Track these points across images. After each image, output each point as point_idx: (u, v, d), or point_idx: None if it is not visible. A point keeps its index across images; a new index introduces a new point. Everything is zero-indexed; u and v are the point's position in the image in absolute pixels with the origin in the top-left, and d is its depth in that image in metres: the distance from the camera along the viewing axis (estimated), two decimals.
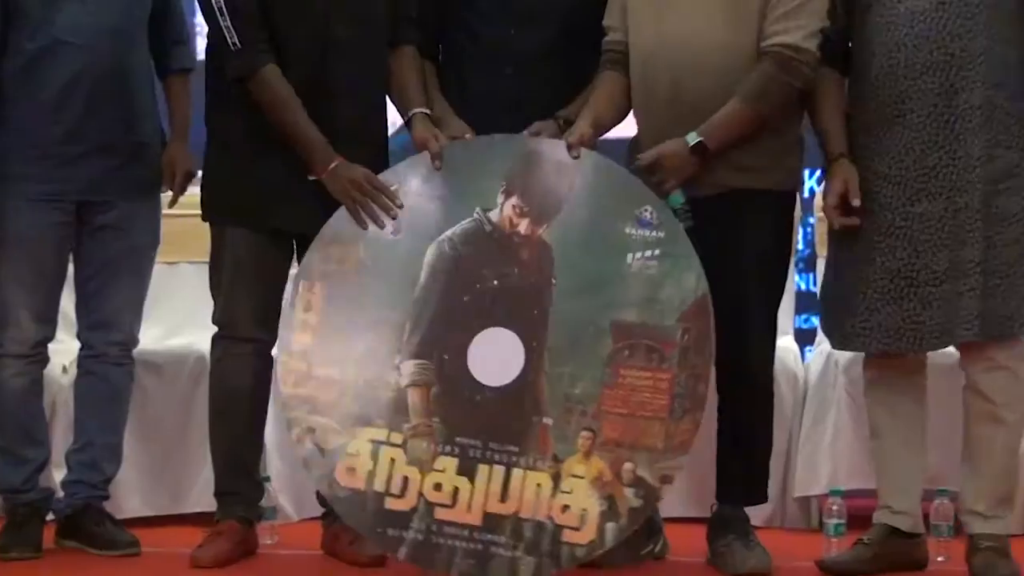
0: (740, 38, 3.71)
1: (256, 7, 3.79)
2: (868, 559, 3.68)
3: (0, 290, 3.98)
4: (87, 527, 4.00)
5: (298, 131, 3.77)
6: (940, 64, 3.56)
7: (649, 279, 3.63)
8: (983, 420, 3.66)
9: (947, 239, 3.56)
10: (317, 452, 3.64)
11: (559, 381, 3.62)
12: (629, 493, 3.55)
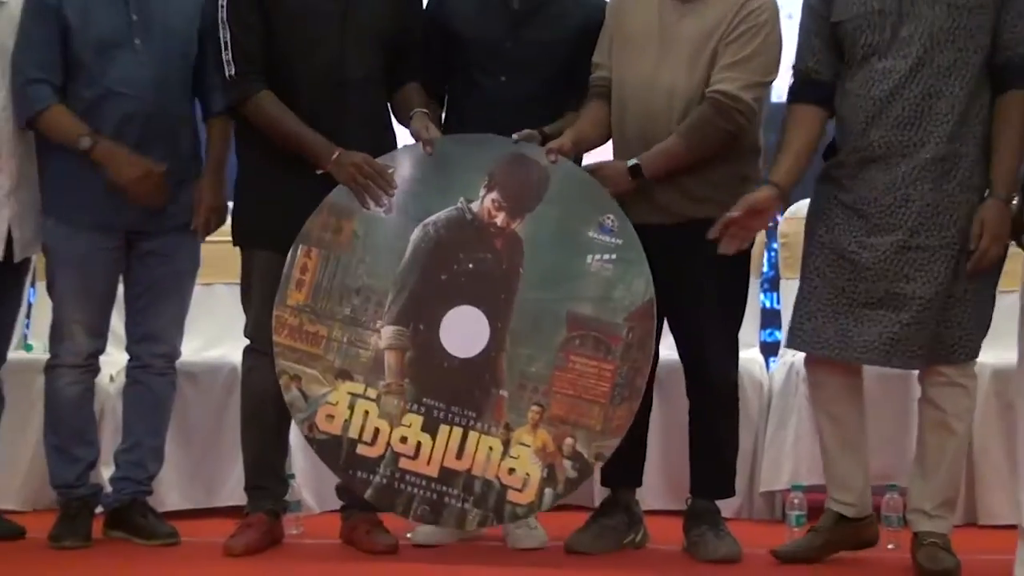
0: (698, 84, 3.72)
1: (257, 45, 3.81)
2: (819, 545, 3.68)
3: (57, 307, 3.98)
4: (132, 519, 4.00)
5: (299, 136, 3.78)
6: (911, 120, 3.54)
7: (604, 279, 3.69)
8: (935, 429, 3.65)
9: (890, 272, 3.54)
10: (301, 398, 3.73)
11: (517, 360, 3.69)
12: (567, 465, 3.65)
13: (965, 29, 3.52)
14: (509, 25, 3.93)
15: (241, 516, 3.99)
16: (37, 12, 3.87)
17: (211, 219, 4.02)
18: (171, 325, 4.08)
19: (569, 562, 3.80)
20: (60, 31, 3.86)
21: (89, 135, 3.81)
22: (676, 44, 3.76)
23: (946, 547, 3.61)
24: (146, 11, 3.93)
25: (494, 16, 3.95)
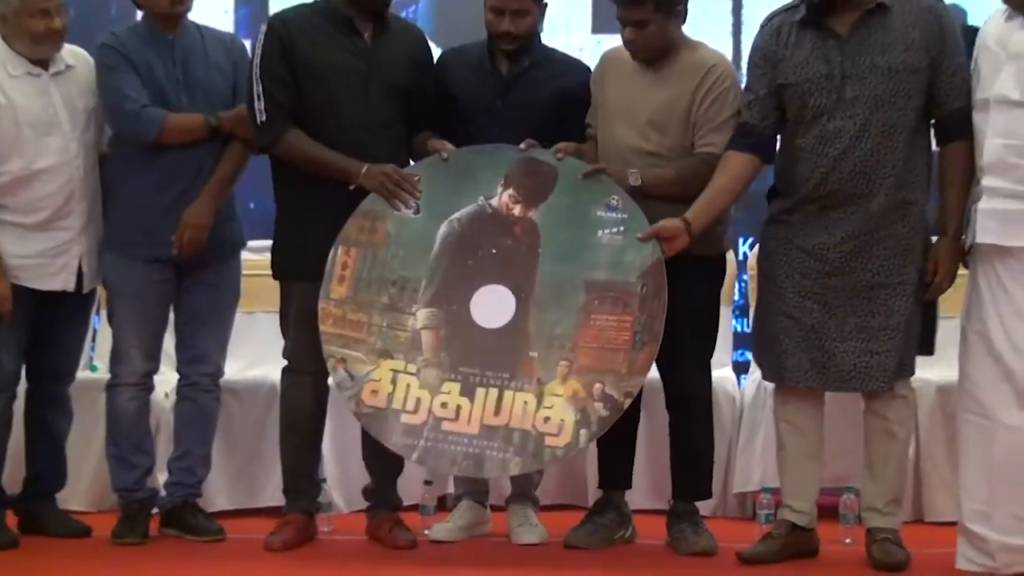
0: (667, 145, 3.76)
1: (286, 95, 3.82)
2: (776, 550, 3.66)
3: (116, 333, 4.00)
4: (184, 518, 4.00)
5: (329, 159, 3.79)
6: (861, 174, 3.52)
7: (615, 248, 3.68)
8: (880, 436, 3.65)
9: (858, 308, 3.54)
10: (348, 377, 3.71)
11: (543, 324, 3.68)
12: (599, 406, 3.60)
13: (903, 91, 3.52)
14: (499, 88, 3.95)
15: (280, 516, 3.99)
16: (116, 56, 3.89)
17: (191, 236, 3.87)
18: (216, 348, 4.08)
19: (567, 555, 3.81)
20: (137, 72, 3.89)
21: (212, 115, 3.88)
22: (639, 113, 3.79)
23: (897, 542, 3.62)
24: (189, 71, 3.95)
25: (486, 80, 3.97)
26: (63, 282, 3.92)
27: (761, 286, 3.81)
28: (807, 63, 3.58)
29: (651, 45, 3.77)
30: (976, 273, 3.49)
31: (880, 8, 3.53)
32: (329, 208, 3.78)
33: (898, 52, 3.52)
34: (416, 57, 3.99)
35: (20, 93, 3.84)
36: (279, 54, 3.83)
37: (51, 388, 4.09)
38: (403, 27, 4.12)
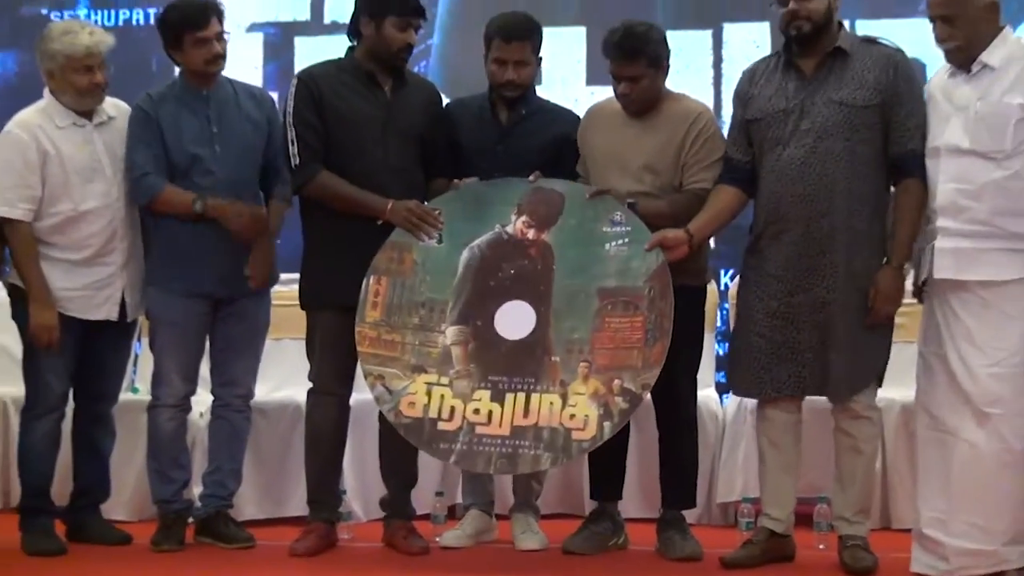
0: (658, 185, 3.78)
1: (317, 140, 3.84)
2: (757, 555, 3.65)
3: (157, 359, 4.00)
4: (217, 527, 3.99)
5: (358, 198, 3.80)
6: (810, 196, 3.54)
7: (622, 257, 3.69)
8: (848, 452, 3.66)
9: (821, 321, 3.55)
10: (386, 392, 3.69)
11: (561, 332, 3.67)
12: (619, 400, 3.58)
13: (851, 124, 3.53)
14: (499, 135, 3.97)
15: (304, 524, 3.98)
16: (142, 122, 3.91)
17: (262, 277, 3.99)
18: (247, 372, 4.08)
19: (565, 560, 3.81)
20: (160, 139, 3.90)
21: (199, 198, 3.84)
22: (632, 158, 3.81)
23: (866, 548, 3.62)
24: (224, 124, 3.97)
25: (487, 128, 3.99)
26: (107, 312, 3.93)
27: (738, 311, 3.82)
28: (770, 100, 3.65)
29: (644, 97, 3.81)
30: (932, 304, 3.50)
31: (841, 52, 3.59)
32: (351, 244, 3.79)
33: (851, 89, 3.56)
34: (430, 109, 4.03)
35: (67, 142, 3.87)
36: (310, 104, 3.86)
37: (96, 408, 4.09)
38: (419, 82, 4.17)
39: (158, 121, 3.89)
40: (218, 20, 3.95)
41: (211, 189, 3.90)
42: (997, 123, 3.36)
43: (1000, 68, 3.40)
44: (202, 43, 3.90)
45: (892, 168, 3.57)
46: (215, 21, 3.93)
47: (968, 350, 3.39)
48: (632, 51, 3.74)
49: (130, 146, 3.91)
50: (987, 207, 3.37)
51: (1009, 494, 3.37)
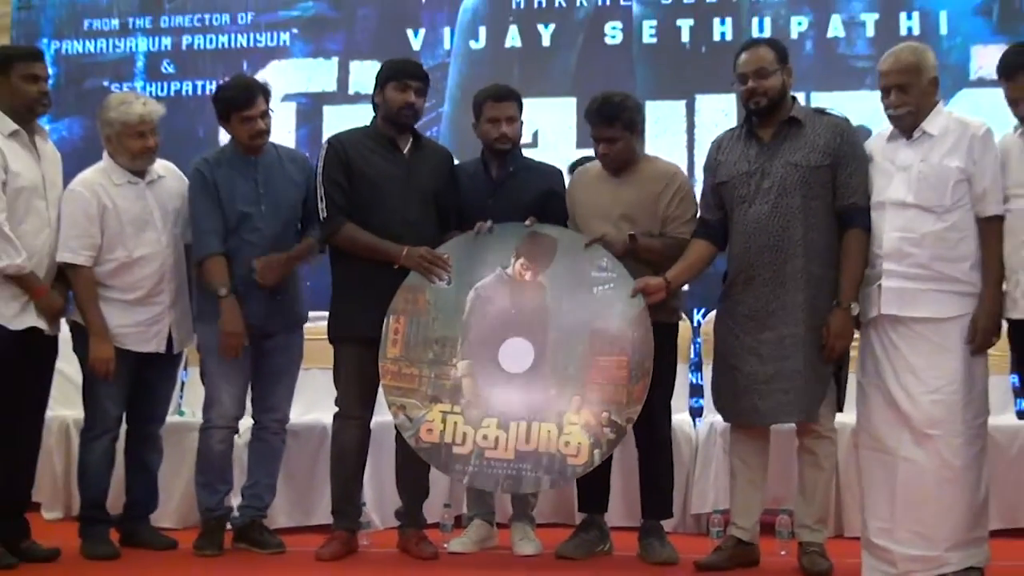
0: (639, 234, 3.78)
1: (342, 196, 3.85)
2: (726, 560, 3.64)
3: (210, 386, 3.98)
4: (252, 535, 3.97)
5: (376, 246, 3.81)
6: (773, 247, 3.56)
7: (608, 301, 3.67)
8: (810, 468, 3.66)
9: (778, 356, 3.55)
10: (407, 420, 3.69)
11: (557, 367, 3.67)
12: (607, 431, 3.60)
13: (805, 182, 3.55)
14: (491, 189, 3.98)
15: (328, 532, 3.96)
16: (202, 183, 3.92)
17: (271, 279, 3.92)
18: (284, 399, 4.07)
19: (558, 564, 3.79)
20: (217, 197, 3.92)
21: (226, 287, 3.85)
22: (613, 212, 3.82)
23: (823, 554, 3.61)
24: (270, 186, 3.98)
25: (481, 184, 4.01)
26: (156, 345, 3.94)
27: (716, 347, 3.81)
28: (735, 164, 3.68)
29: (621, 157, 3.83)
30: (870, 338, 3.52)
31: (795, 121, 3.63)
32: (372, 286, 3.80)
33: (804, 153, 3.59)
34: (443, 169, 4.04)
35: (122, 198, 3.89)
36: (337, 166, 3.88)
37: (146, 430, 4.08)
38: (433, 146, 4.20)
39: (215, 182, 3.92)
40: (264, 99, 3.98)
41: (258, 243, 3.92)
42: (938, 182, 3.40)
43: (939, 136, 3.44)
44: (247, 120, 3.93)
45: (838, 219, 3.57)
46: (260, 101, 3.96)
47: (908, 379, 3.40)
48: (609, 116, 3.79)
49: (196, 204, 3.93)
50: (928, 253, 3.39)
51: (949, 506, 3.36)
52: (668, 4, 5.72)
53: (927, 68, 3.49)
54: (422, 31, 5.89)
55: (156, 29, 6.06)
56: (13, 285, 3.65)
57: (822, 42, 5.61)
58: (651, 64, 5.70)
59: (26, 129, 3.75)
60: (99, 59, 6.10)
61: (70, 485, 4.46)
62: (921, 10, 5.56)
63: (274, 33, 5.97)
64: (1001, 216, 3.38)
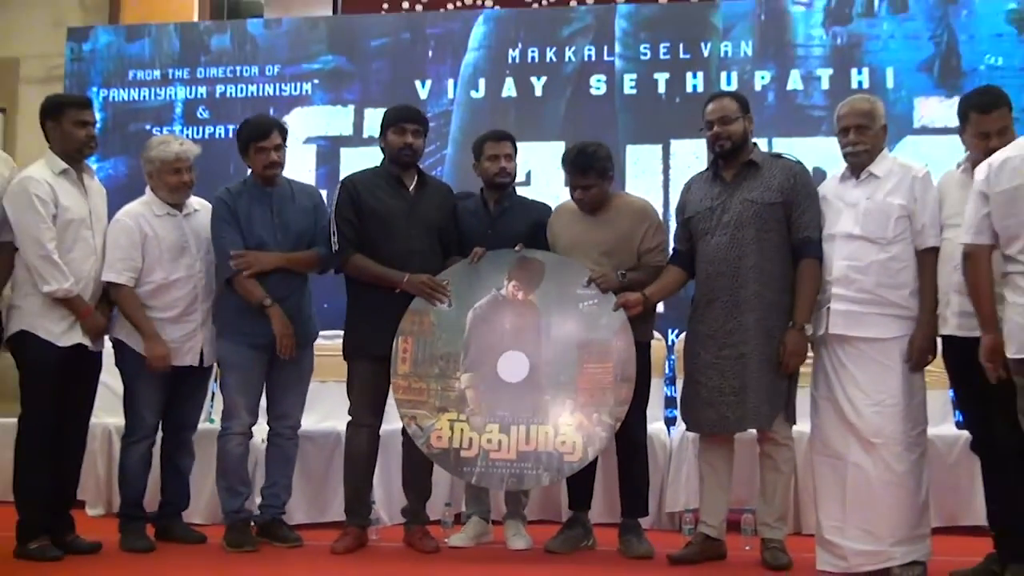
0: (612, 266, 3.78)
1: (352, 230, 3.86)
2: (696, 554, 3.64)
3: (227, 396, 3.96)
4: (272, 530, 3.97)
5: (380, 273, 3.81)
6: (730, 273, 3.58)
7: (593, 315, 3.69)
8: (770, 472, 3.66)
9: (740, 370, 3.56)
10: (419, 430, 3.70)
11: (550, 375, 3.68)
12: (598, 430, 3.62)
13: (761, 216, 3.57)
14: (489, 221, 4.00)
15: (341, 528, 3.96)
16: (225, 211, 3.93)
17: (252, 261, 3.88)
18: (296, 407, 4.06)
19: (546, 558, 3.79)
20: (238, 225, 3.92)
21: (267, 296, 3.84)
22: (592, 247, 3.82)
23: (783, 549, 3.62)
24: (284, 215, 3.99)
25: (480, 216, 4.03)
26: (190, 359, 3.94)
27: (684, 364, 3.82)
28: (701, 201, 3.72)
29: (595, 201, 3.86)
30: (822, 356, 3.54)
31: (753, 163, 3.66)
32: (380, 310, 3.80)
33: (760, 191, 3.61)
34: (445, 204, 4.04)
35: (162, 227, 3.91)
36: (349, 204, 3.89)
37: (180, 436, 4.07)
38: (436, 183, 4.20)
39: (235, 210, 3.93)
40: (279, 135, 3.99)
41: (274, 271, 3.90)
42: (882, 217, 3.43)
43: (883, 177, 3.49)
44: (262, 151, 3.94)
45: (793, 251, 3.59)
46: (275, 135, 3.97)
47: (855, 393, 3.42)
48: (583, 167, 3.81)
49: (217, 229, 3.93)
50: (872, 280, 3.42)
51: (893, 506, 3.38)
52: (646, 59, 5.77)
53: (879, 115, 3.55)
54: (428, 82, 5.93)
55: (193, 79, 6.09)
56: (61, 307, 3.67)
57: (782, 94, 5.64)
58: (631, 112, 5.73)
59: (75, 168, 3.78)
60: (142, 106, 6.13)
61: (111, 485, 4.45)
62: (870, 66, 5.60)
63: (297, 83, 6.01)
64: (937, 248, 3.41)
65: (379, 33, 6.04)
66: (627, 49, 5.78)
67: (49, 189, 3.65)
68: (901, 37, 5.60)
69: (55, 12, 6.54)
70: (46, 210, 3.62)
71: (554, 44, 5.82)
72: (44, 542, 3.62)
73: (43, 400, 3.64)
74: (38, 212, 3.61)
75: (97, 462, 4.57)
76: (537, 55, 5.83)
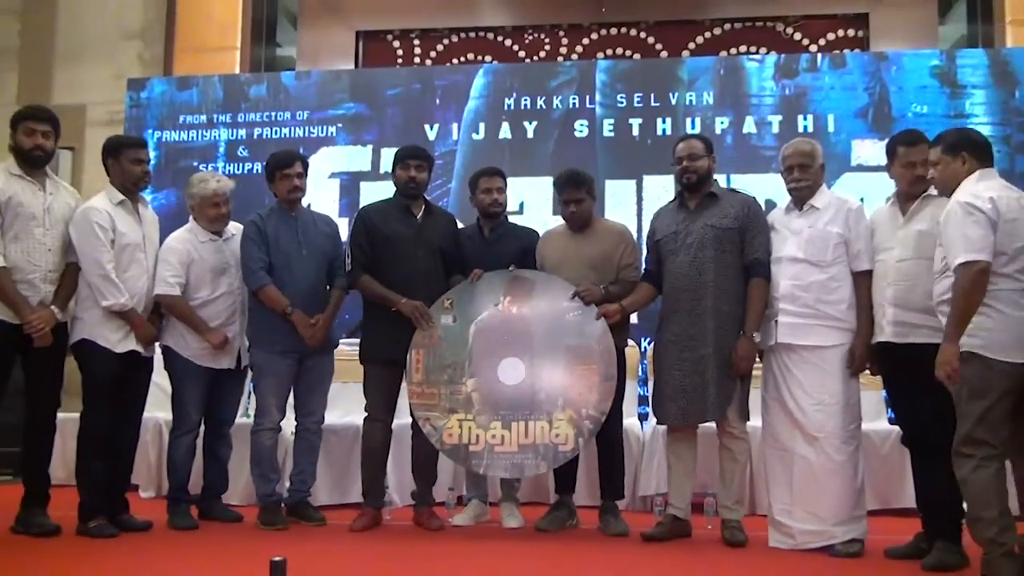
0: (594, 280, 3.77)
1: (364, 254, 3.84)
2: (665, 533, 3.62)
3: (260, 398, 3.94)
4: (300, 511, 3.95)
5: (382, 293, 3.79)
6: (691, 287, 3.57)
7: (578, 324, 3.68)
8: (728, 461, 3.64)
9: (699, 370, 3.54)
10: (433, 429, 3.68)
11: (543, 377, 3.65)
12: (587, 423, 3.61)
13: (718, 239, 3.57)
14: (484, 246, 4.00)
15: (359, 509, 3.94)
16: (255, 232, 3.90)
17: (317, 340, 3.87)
18: (320, 405, 4.02)
19: (536, 536, 3.76)
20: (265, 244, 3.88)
21: (289, 304, 3.81)
22: (578, 262, 3.81)
23: (740, 528, 3.59)
24: (308, 236, 3.96)
25: (477, 241, 4.03)
26: (228, 363, 3.93)
27: (653, 366, 3.81)
28: (667, 226, 3.71)
29: (585, 215, 3.87)
30: (771, 362, 3.54)
31: (713, 195, 3.67)
32: (391, 320, 3.78)
33: (719, 218, 3.61)
34: (449, 230, 4.02)
35: (205, 251, 3.91)
36: (363, 232, 3.89)
37: (220, 429, 4.05)
38: (441, 212, 4.18)
39: (265, 232, 3.91)
40: (301, 165, 3.99)
41: (299, 281, 3.88)
42: (822, 243, 3.44)
43: (823, 208, 3.50)
44: (286, 178, 3.93)
45: (745, 270, 3.59)
46: (298, 165, 3.97)
47: (799, 394, 3.42)
48: (577, 182, 3.85)
49: (245, 247, 3.91)
50: (813, 297, 3.43)
51: (833, 491, 3.37)
52: (622, 107, 5.79)
53: (818, 156, 3.56)
54: (436, 126, 5.95)
55: (234, 123, 6.11)
56: (117, 318, 3.66)
57: (739, 136, 5.67)
58: (609, 152, 5.75)
59: (131, 199, 3.78)
60: (190, 145, 6.14)
61: (161, 471, 4.44)
62: (814, 113, 5.63)
63: (323, 127, 6.03)
64: (870, 270, 3.40)
65: (394, 84, 6.06)
66: (606, 98, 5.81)
67: (108, 217, 3.65)
68: (840, 88, 5.64)
69: (117, 66, 6.58)
70: (105, 235, 3.62)
71: (543, 94, 5.85)
72: (101, 521, 3.60)
73: (101, 398, 3.63)
74: (98, 237, 3.61)
75: (149, 451, 4.56)
76: (529, 103, 5.86)
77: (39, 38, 6.69)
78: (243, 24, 6.74)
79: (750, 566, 3.21)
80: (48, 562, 3.13)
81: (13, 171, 3.59)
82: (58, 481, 3.86)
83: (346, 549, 3.49)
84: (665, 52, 6.87)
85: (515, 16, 7.16)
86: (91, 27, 6.64)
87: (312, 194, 4.13)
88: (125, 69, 6.52)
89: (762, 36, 6.94)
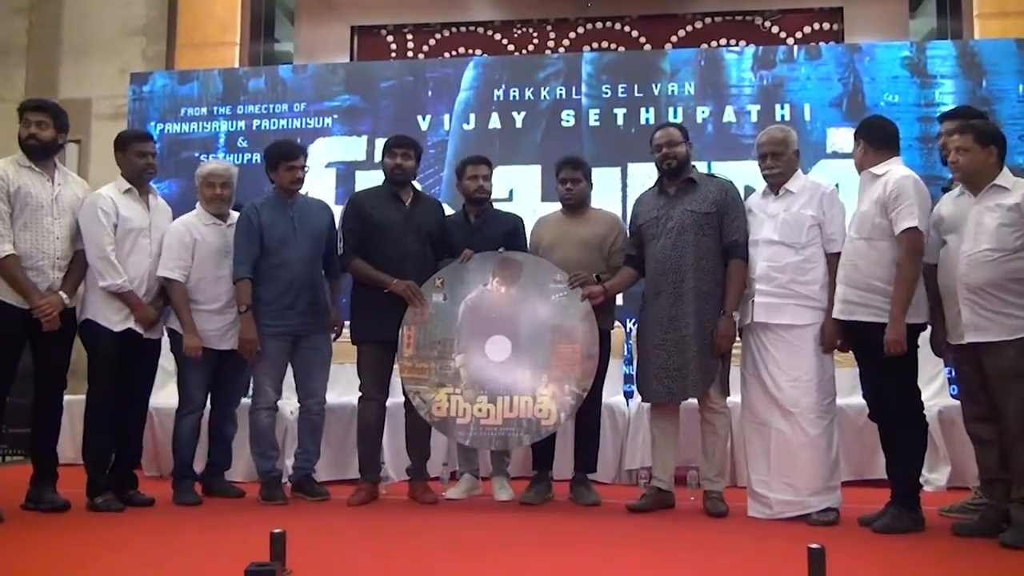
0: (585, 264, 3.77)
1: (356, 238, 3.83)
2: (650, 504, 3.62)
3: (257, 378, 3.92)
4: (304, 487, 3.94)
5: (375, 277, 3.78)
6: (673, 270, 3.56)
7: (564, 305, 3.67)
8: (710, 435, 3.65)
9: (682, 349, 3.53)
10: (423, 402, 3.68)
11: (528, 355, 3.64)
12: (569, 399, 3.61)
13: (697, 224, 3.56)
14: (470, 231, 3.98)
15: (357, 484, 3.94)
16: (245, 227, 3.86)
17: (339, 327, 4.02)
18: (320, 386, 4.00)
19: (524, 508, 3.75)
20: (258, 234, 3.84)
21: (246, 305, 3.76)
22: (572, 243, 3.81)
23: (721, 499, 3.60)
24: (302, 221, 3.92)
25: (463, 226, 4.00)
26: (231, 344, 3.89)
27: (638, 346, 3.80)
28: (649, 212, 3.70)
29: (581, 196, 3.89)
30: (749, 340, 3.53)
31: (692, 181, 3.65)
32: (382, 303, 3.77)
33: (698, 203, 3.60)
34: (436, 216, 4.02)
35: (208, 234, 3.89)
36: (354, 215, 3.88)
37: (224, 409, 4.05)
38: (429, 198, 4.17)
39: (260, 221, 3.85)
40: (304, 158, 3.99)
41: (295, 263, 3.83)
42: (796, 226, 3.43)
43: (797, 193, 3.48)
44: (290, 169, 3.91)
45: (724, 252, 3.58)
46: (301, 157, 3.96)
47: (775, 370, 3.42)
48: (576, 163, 3.90)
49: (236, 238, 3.86)
50: (788, 278, 3.42)
51: (809, 463, 3.38)
52: (607, 97, 5.75)
53: (792, 143, 3.54)
54: (428, 116, 5.90)
55: (234, 115, 6.05)
56: (116, 299, 3.63)
57: (719, 125, 5.64)
58: (595, 141, 5.71)
59: (139, 188, 3.76)
60: (191, 137, 6.08)
61: (159, 452, 4.45)
62: (791, 102, 5.60)
63: (320, 118, 5.98)
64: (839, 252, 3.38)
65: (387, 77, 6.01)
66: (592, 89, 5.76)
67: (112, 203, 3.63)
68: (816, 79, 5.61)
69: (121, 61, 6.53)
70: (107, 220, 3.60)
71: (532, 85, 5.80)
72: (108, 496, 3.59)
73: (104, 377, 3.62)
74: (100, 222, 3.59)
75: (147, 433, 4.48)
76: (518, 94, 5.81)
77: (46, 35, 6.66)
78: (242, 20, 6.66)
79: (731, 535, 3.22)
80: (58, 536, 3.12)
81: (22, 163, 3.57)
82: (67, 460, 3.86)
83: (344, 522, 3.48)
84: (648, 45, 6.84)
85: (504, 11, 7.14)
86: (96, 24, 6.60)
87: (309, 183, 4.10)
88: (129, 64, 6.46)
89: (741, 29, 6.96)
